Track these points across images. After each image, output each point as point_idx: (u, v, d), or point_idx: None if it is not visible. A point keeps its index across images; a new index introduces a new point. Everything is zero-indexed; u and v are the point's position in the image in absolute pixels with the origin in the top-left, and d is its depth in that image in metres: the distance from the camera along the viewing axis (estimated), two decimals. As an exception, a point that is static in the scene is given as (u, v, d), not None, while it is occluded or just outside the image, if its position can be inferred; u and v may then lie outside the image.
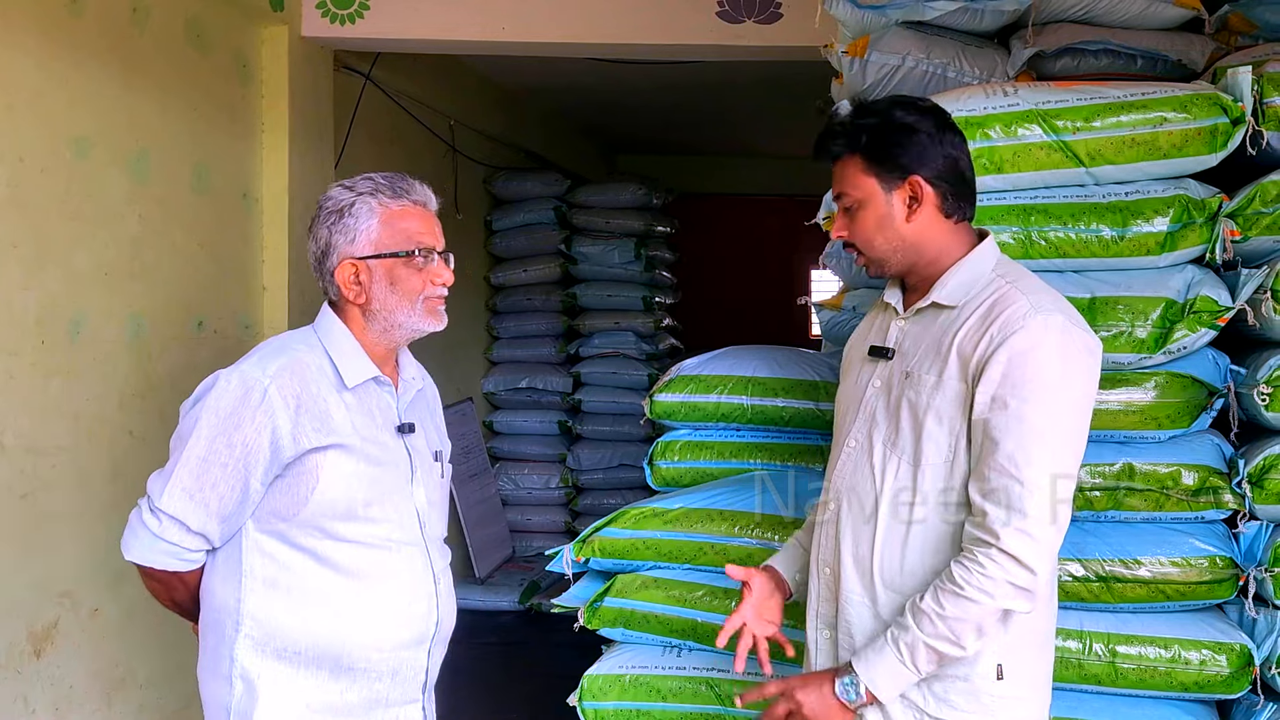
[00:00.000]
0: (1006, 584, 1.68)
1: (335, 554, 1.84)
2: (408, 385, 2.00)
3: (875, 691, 1.76)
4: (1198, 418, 2.29)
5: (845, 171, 1.87)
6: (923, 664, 1.74)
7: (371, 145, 4.91)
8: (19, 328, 2.84)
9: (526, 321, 6.61)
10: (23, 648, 2.86)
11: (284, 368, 1.82)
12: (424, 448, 2.00)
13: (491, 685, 4.64)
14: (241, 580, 1.84)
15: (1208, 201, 2.27)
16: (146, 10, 3.30)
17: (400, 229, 1.89)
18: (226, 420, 1.79)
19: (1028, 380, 1.69)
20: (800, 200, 4.41)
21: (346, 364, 1.88)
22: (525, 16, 4.05)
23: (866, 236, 1.87)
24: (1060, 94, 2.29)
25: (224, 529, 1.84)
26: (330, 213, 1.90)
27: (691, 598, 2.63)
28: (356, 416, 1.87)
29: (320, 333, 1.92)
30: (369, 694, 1.88)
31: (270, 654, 1.84)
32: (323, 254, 1.90)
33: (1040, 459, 1.68)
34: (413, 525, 1.93)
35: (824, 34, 2.84)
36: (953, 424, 1.76)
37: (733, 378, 2.77)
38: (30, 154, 2.87)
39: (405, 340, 1.96)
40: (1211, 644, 2.25)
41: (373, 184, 1.91)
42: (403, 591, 1.90)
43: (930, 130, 1.83)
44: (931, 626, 1.71)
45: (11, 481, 2.82)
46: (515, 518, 6.57)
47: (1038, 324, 1.72)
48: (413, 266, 1.88)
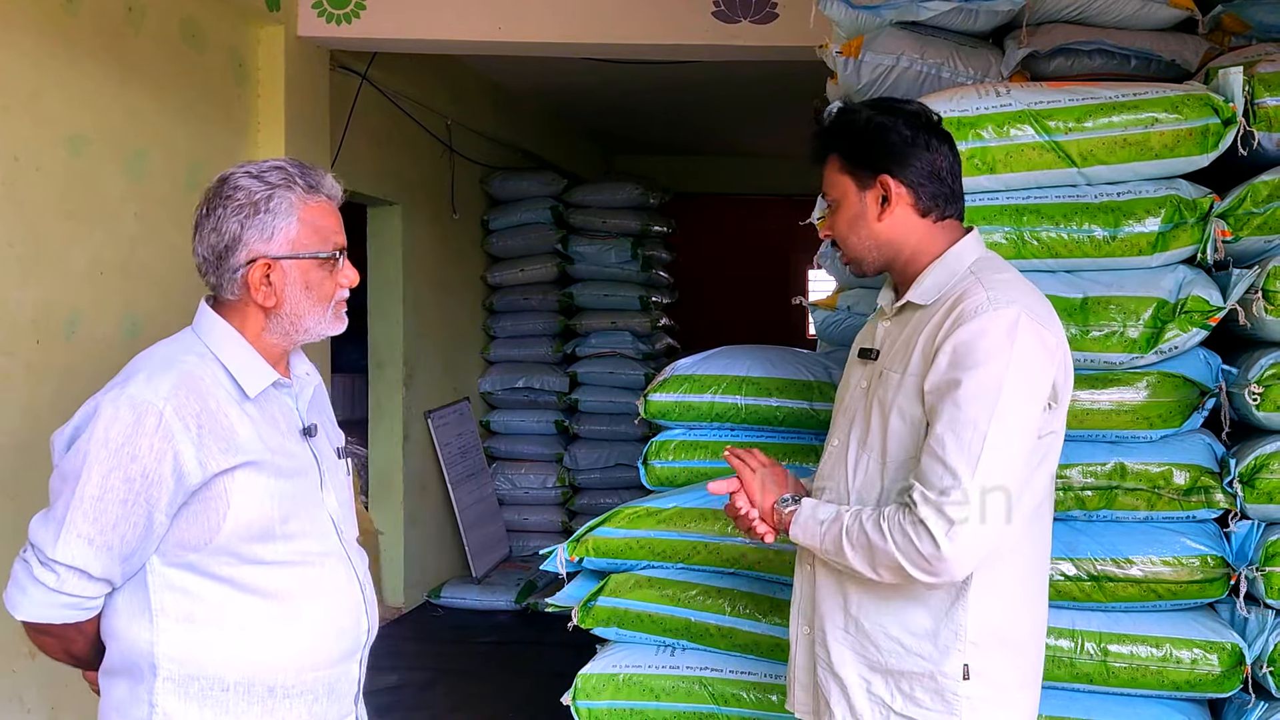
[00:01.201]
0: (913, 547, 1.68)
1: (254, 579, 1.69)
2: (304, 383, 1.83)
3: (793, 521, 1.86)
4: (1189, 417, 2.30)
5: (827, 171, 1.91)
6: (828, 540, 1.80)
7: (368, 145, 4.92)
8: (14, 326, 2.84)
9: (523, 321, 6.62)
10: (18, 647, 2.86)
11: (178, 385, 1.63)
12: (327, 448, 1.85)
13: (487, 684, 4.64)
14: (153, 620, 1.67)
15: (1199, 202, 2.28)
16: (142, 9, 3.30)
17: (319, 228, 1.72)
18: (119, 452, 1.60)
19: (968, 367, 1.68)
20: (797, 200, 4.41)
21: (243, 372, 1.71)
22: (522, 16, 4.06)
23: (843, 234, 1.90)
24: (1052, 94, 2.30)
25: (125, 569, 1.66)
26: (242, 205, 1.69)
27: (685, 597, 2.64)
28: (261, 428, 1.70)
29: (206, 337, 1.73)
30: (306, 716, 1.75)
31: (195, 694, 1.67)
32: (226, 249, 1.70)
33: (971, 445, 1.67)
34: (330, 534, 1.79)
35: (819, 34, 2.85)
36: (914, 420, 1.77)
37: (727, 377, 2.78)
38: (26, 153, 2.87)
39: (303, 343, 1.80)
40: (1203, 643, 2.25)
41: (285, 175, 1.72)
42: (331, 606, 1.77)
43: (904, 131, 1.84)
44: (851, 523, 1.77)
45: (4, 481, 2.82)
46: (512, 517, 6.58)
47: (989, 316, 1.70)
48: (327, 269, 1.73)
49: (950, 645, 1.77)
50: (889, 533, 1.71)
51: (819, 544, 1.81)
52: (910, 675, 1.79)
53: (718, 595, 2.62)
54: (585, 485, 6.58)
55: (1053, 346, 1.74)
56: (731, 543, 2.59)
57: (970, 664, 1.77)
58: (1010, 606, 1.80)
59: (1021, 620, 1.84)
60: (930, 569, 1.69)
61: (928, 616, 1.78)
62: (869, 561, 1.74)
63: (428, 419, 5.83)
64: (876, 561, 1.73)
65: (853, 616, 1.84)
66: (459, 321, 6.31)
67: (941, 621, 1.77)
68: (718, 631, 2.62)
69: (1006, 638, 1.81)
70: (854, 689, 1.83)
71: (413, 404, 5.67)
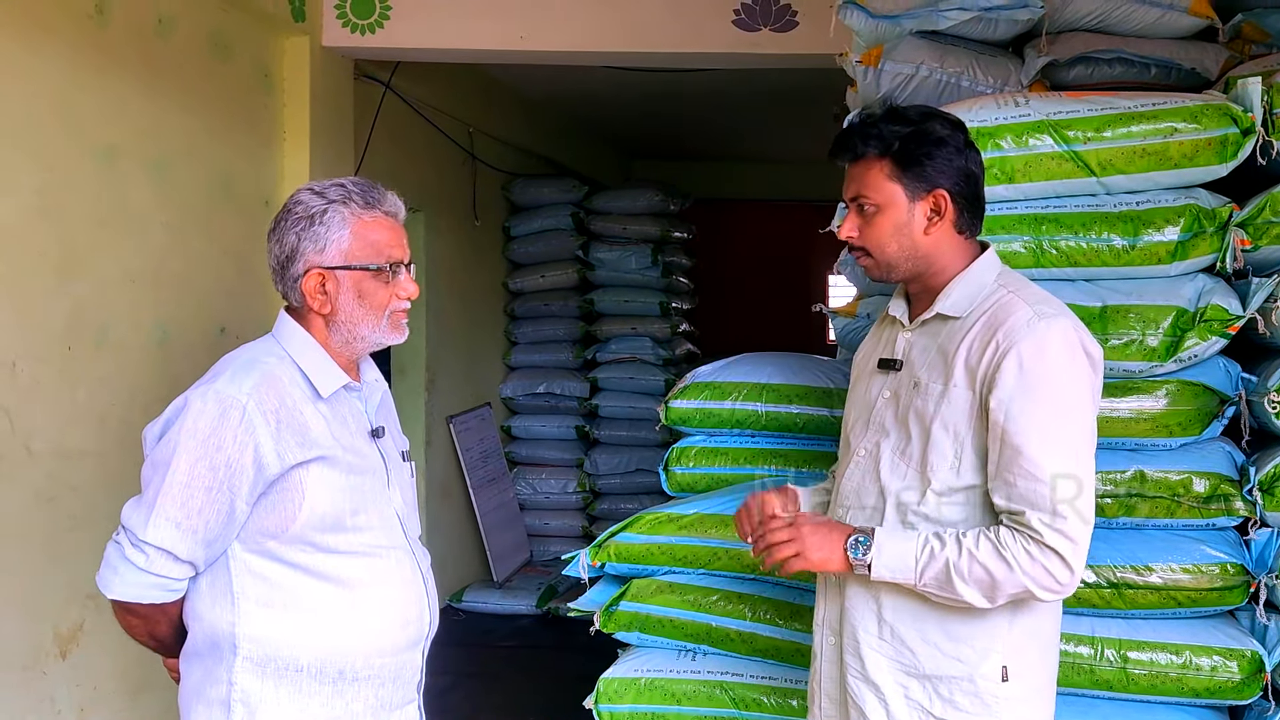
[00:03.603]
0: (1044, 570, 1.70)
1: (327, 566, 1.81)
2: (372, 388, 1.96)
3: (877, 561, 1.77)
4: (1209, 425, 2.30)
5: (868, 174, 1.86)
6: (929, 577, 1.75)
7: (391, 153, 4.96)
8: (47, 334, 2.89)
9: (544, 327, 6.65)
10: (49, 649, 2.91)
11: (259, 383, 1.76)
12: (394, 450, 1.97)
13: (509, 687, 4.66)
14: (235, 603, 1.79)
15: (1218, 211, 2.28)
16: (171, 21, 3.35)
17: (371, 241, 1.83)
18: (206, 442, 1.72)
19: (1040, 384, 1.72)
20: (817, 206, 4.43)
21: (318, 374, 1.83)
22: (543, 26, 4.09)
23: (880, 241, 1.87)
24: (1071, 104, 2.31)
25: (209, 553, 1.78)
26: (300, 219, 1.82)
27: (706, 602, 2.66)
28: (333, 426, 1.83)
29: (284, 342, 1.86)
30: (374, 700, 1.87)
31: (272, 674, 1.79)
32: (288, 259, 1.83)
33: (1064, 461, 1.71)
34: (396, 529, 1.91)
35: (839, 43, 2.87)
36: (958, 431, 1.79)
37: (747, 384, 2.79)
38: (58, 163, 2.92)
39: (366, 351, 1.91)
40: (1223, 650, 2.26)
41: (344, 191, 1.84)
42: (397, 596, 1.89)
43: (960, 145, 1.85)
44: (957, 556, 1.73)
45: (39, 486, 2.87)
46: (533, 522, 6.60)
47: (1043, 329, 1.74)
48: (380, 280, 1.83)
49: (989, 647, 1.79)
50: (1016, 562, 1.70)
51: (915, 581, 1.77)
52: (949, 679, 1.80)
53: (739, 600, 2.63)
54: (605, 490, 6.60)
55: (1097, 355, 1.80)
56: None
57: (1009, 665, 1.79)
58: (1041, 606, 1.82)
59: (1049, 619, 1.87)
60: (1062, 589, 1.73)
61: (966, 620, 1.80)
62: (987, 593, 1.74)
63: (449, 424, 5.86)
64: (999, 592, 1.73)
65: (888, 623, 1.85)
66: (480, 327, 6.35)
67: (979, 624, 1.80)
68: (738, 636, 2.63)
69: (1039, 637, 1.84)
70: (891, 696, 1.84)
71: (435, 409, 5.70)
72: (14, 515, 2.79)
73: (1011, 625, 1.79)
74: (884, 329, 2.03)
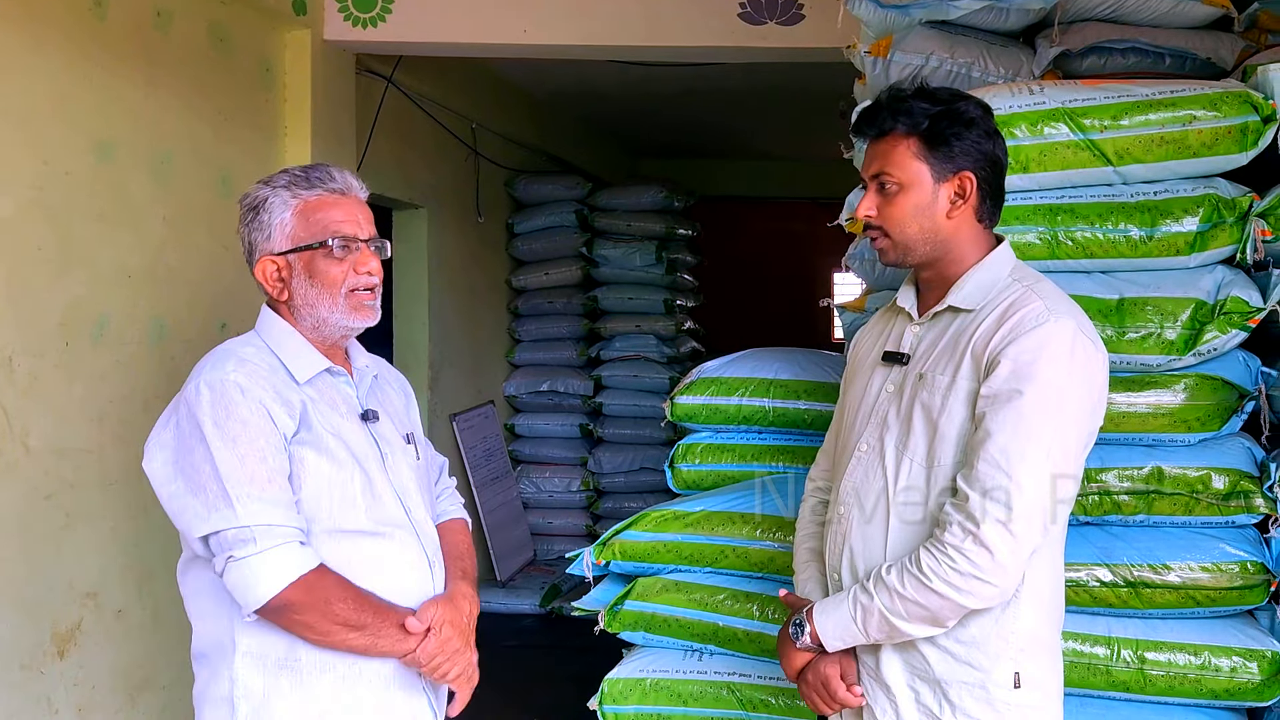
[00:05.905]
0: (974, 579, 1.66)
1: (323, 548, 1.78)
2: (362, 374, 1.95)
3: (822, 638, 1.81)
4: (1228, 420, 2.25)
5: (894, 152, 1.80)
6: (873, 630, 1.76)
7: (393, 148, 4.93)
8: (44, 329, 2.86)
9: (548, 324, 6.62)
10: (46, 648, 2.88)
11: (238, 366, 1.78)
12: (391, 433, 1.95)
13: (512, 688, 4.63)
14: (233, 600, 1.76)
15: (1238, 201, 2.24)
16: (170, 14, 3.32)
17: (315, 220, 1.81)
18: (227, 421, 1.71)
19: (1032, 378, 1.67)
20: (822, 203, 4.40)
21: (294, 360, 1.83)
22: (547, 20, 4.05)
23: (900, 220, 1.81)
24: (1087, 92, 2.26)
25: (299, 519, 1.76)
26: (246, 210, 1.84)
27: (713, 601, 2.62)
28: (320, 408, 1.82)
29: (263, 334, 1.88)
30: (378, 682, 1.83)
31: (272, 667, 1.77)
32: (248, 254, 1.86)
33: (1034, 458, 1.66)
34: (395, 508, 1.87)
35: (846, 35, 2.82)
36: (961, 423, 1.74)
37: (754, 380, 2.76)
38: (55, 157, 2.89)
39: (339, 336, 1.90)
40: (1242, 650, 2.21)
41: (288, 176, 1.84)
42: (401, 579, 1.85)
43: (989, 130, 1.81)
44: (889, 601, 1.73)
45: (36, 482, 2.83)
46: (536, 521, 6.57)
47: (1051, 325, 1.70)
48: (332, 257, 1.81)
49: (1001, 653, 1.75)
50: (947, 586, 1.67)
51: (865, 639, 1.77)
52: (960, 685, 1.76)
53: (746, 599, 2.60)
54: (610, 489, 6.57)
55: (1102, 362, 1.76)
56: (760, 546, 2.57)
57: (1021, 672, 1.75)
58: (1050, 611, 1.79)
59: (1057, 624, 1.83)
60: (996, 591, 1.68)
61: (978, 625, 1.76)
62: (933, 623, 1.72)
63: (452, 422, 5.83)
64: (943, 617, 1.71)
65: None
66: (484, 325, 6.31)
67: (991, 629, 1.75)
68: (746, 636, 2.59)
69: (1048, 643, 1.81)
70: (902, 700, 1.81)
71: (438, 407, 5.67)
72: (11, 513, 2.76)
73: (1022, 630, 1.75)
74: (889, 321, 1.98)
